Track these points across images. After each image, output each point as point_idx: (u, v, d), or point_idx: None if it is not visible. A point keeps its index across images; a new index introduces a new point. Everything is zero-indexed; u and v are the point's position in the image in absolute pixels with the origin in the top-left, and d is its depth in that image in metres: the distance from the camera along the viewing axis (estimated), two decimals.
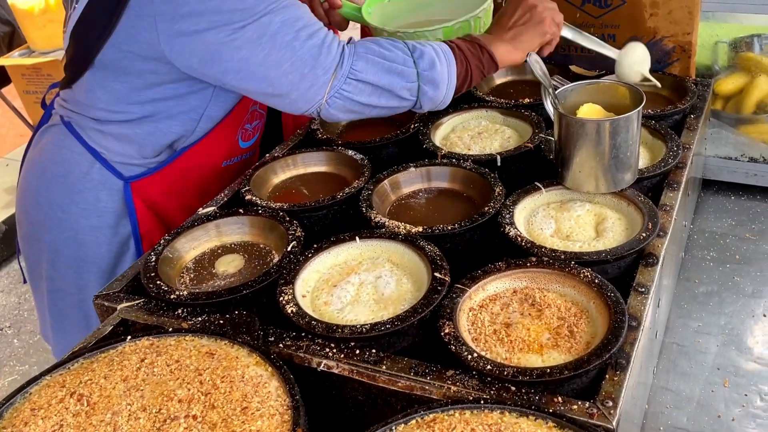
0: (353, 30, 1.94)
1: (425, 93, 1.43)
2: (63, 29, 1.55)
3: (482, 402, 0.92)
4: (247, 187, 1.49)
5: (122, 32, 1.35)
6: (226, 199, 1.50)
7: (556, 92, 1.40)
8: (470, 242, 1.33)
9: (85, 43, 1.41)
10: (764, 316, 1.51)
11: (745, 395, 1.33)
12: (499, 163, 1.51)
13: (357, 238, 1.28)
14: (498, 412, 0.90)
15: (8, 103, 3.92)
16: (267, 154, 1.66)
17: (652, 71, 1.79)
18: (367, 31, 2.14)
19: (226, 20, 1.29)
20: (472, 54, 1.47)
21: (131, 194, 1.53)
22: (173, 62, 1.36)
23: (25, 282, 1.74)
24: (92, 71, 1.43)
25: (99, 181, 1.52)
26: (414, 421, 0.90)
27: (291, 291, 1.17)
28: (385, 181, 1.48)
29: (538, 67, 1.42)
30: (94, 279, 1.56)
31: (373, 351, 1.05)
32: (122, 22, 1.34)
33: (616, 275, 1.23)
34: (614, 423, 0.91)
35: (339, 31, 1.75)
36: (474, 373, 1.00)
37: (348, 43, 1.42)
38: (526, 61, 1.48)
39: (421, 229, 1.29)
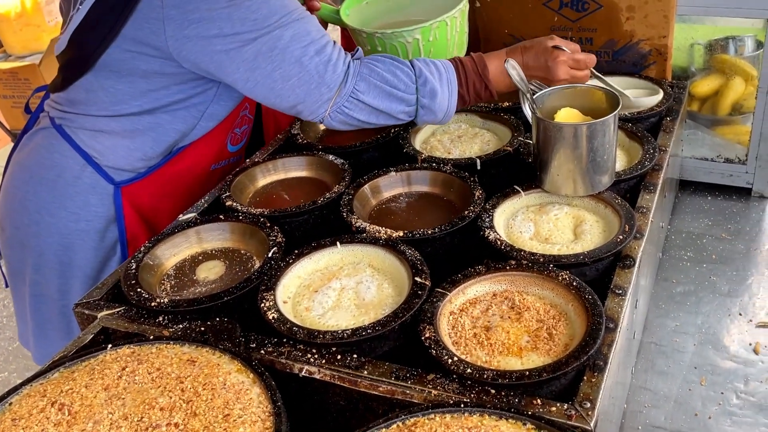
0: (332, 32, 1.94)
1: (421, 116, 1.47)
2: (60, 31, 1.55)
3: (462, 405, 0.93)
4: (227, 193, 1.49)
5: (129, 34, 1.36)
6: (206, 205, 1.49)
7: (534, 97, 1.42)
8: (450, 246, 1.34)
9: (88, 45, 1.41)
10: (740, 314, 1.53)
11: (722, 393, 1.35)
12: (478, 167, 1.52)
13: (338, 243, 1.29)
14: (478, 415, 0.91)
15: None
16: (247, 160, 1.66)
17: (629, 75, 1.86)
18: (346, 33, 2.14)
19: (237, 29, 1.31)
20: (475, 91, 1.49)
21: (121, 199, 1.53)
22: (182, 64, 1.38)
23: (6, 287, 1.72)
24: (94, 72, 1.43)
25: (89, 185, 1.52)
26: (395, 426, 0.91)
27: (272, 297, 1.17)
28: (366, 186, 1.48)
29: (515, 72, 1.44)
30: (78, 284, 1.56)
31: (355, 356, 1.06)
32: (129, 24, 1.35)
33: (594, 277, 1.24)
34: (592, 424, 0.92)
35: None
36: (454, 376, 1.01)
37: (354, 56, 1.45)
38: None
39: (401, 233, 1.30)
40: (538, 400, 0.96)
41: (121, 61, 1.40)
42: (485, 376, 0.99)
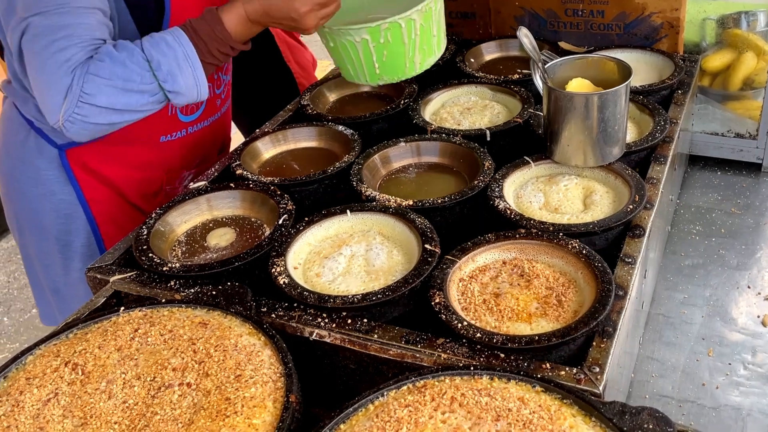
0: None
1: (174, 99, 1.34)
2: None
3: (472, 368, 0.93)
4: (237, 162, 1.49)
5: None
6: (216, 173, 1.50)
7: (546, 66, 1.41)
8: (460, 215, 1.34)
9: None
10: (748, 287, 1.53)
11: (729, 364, 1.35)
12: (488, 138, 1.52)
13: (348, 211, 1.29)
14: (487, 377, 0.92)
15: None
16: (257, 130, 1.66)
17: (640, 48, 1.85)
18: None
19: (20, 6, 1.27)
20: (220, 53, 1.37)
21: (67, 161, 1.54)
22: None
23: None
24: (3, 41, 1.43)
25: (35, 148, 1.54)
26: (405, 387, 0.92)
27: (283, 263, 1.18)
28: (376, 156, 1.48)
29: (527, 41, 1.43)
30: (53, 245, 1.60)
31: (365, 320, 1.07)
32: None
33: (604, 246, 1.24)
34: (601, 388, 0.93)
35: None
36: (464, 341, 1.01)
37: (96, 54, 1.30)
38: (516, 36, 1.49)
39: (411, 202, 1.30)
40: (548, 365, 0.96)
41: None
42: (495, 340, 0.99)
